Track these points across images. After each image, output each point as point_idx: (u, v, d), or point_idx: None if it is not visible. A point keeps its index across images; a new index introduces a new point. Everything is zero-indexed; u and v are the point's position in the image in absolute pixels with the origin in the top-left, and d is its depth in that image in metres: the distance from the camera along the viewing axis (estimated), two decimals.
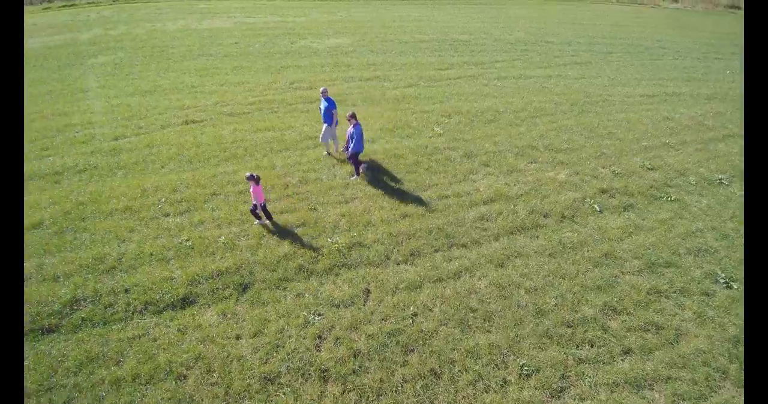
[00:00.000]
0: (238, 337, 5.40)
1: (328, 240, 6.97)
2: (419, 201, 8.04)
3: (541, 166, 9.48)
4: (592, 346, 5.49)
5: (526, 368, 5.15)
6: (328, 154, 9.29)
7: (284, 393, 4.79)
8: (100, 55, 17.74)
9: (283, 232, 7.13)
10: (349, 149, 8.16)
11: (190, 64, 16.19)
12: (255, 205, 6.95)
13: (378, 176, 8.73)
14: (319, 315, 5.75)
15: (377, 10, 28.17)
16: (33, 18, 26.34)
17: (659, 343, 5.56)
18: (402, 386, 4.95)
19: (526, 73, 15.91)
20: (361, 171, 8.63)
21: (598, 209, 8.12)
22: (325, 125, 8.83)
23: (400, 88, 13.67)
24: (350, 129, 8.06)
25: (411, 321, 5.74)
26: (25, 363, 5.08)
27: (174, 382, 4.87)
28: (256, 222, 7.26)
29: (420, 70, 15.62)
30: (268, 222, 7.25)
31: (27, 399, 4.71)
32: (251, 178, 6.67)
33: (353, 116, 8.04)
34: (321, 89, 8.90)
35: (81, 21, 24.66)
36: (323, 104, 8.71)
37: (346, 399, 4.77)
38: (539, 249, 7.08)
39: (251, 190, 6.84)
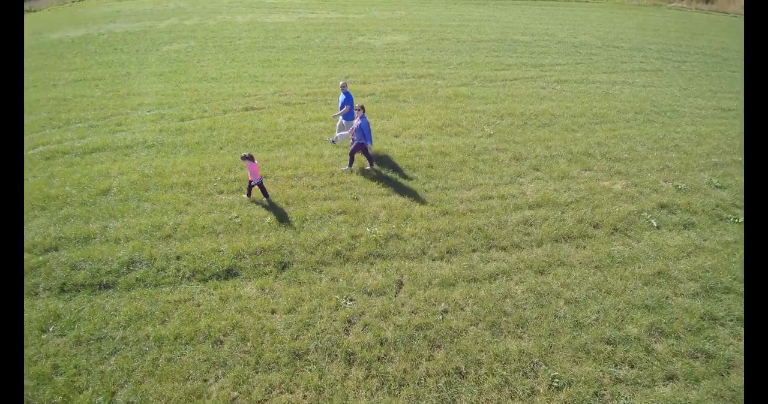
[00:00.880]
0: (273, 312, 5.68)
1: (367, 229, 7.09)
2: (461, 199, 7.96)
3: (595, 174, 9.01)
4: (632, 367, 5.17)
5: (557, 380, 4.96)
6: (333, 141, 9.47)
7: (310, 370, 4.97)
8: (174, 43, 19.15)
9: (323, 218, 7.36)
10: (356, 142, 8.26)
11: (254, 55, 17.04)
12: (252, 182, 7.46)
13: (422, 172, 8.74)
14: (351, 300, 5.88)
15: (437, 8, 28.01)
16: (118, 5, 28.94)
17: (707, 372, 5.12)
18: (425, 380, 4.95)
19: (588, 77, 15.15)
20: (352, 166, 8.70)
21: (654, 224, 7.60)
22: (341, 118, 9.17)
23: (453, 86, 13.54)
24: (357, 121, 8.16)
25: (441, 317, 5.71)
26: (81, 313, 5.67)
27: (211, 346, 5.22)
28: (260, 195, 7.75)
29: (475, 69, 15.37)
30: (267, 198, 7.74)
31: (78, 346, 5.26)
32: (246, 157, 7.25)
33: (361, 108, 8.16)
34: (341, 83, 9.17)
35: (160, 10, 26.74)
36: (341, 97, 8.98)
37: (368, 384, 4.85)
38: (585, 261, 6.75)
39: (249, 168, 7.33)
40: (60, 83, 14.65)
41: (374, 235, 6.95)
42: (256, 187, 7.57)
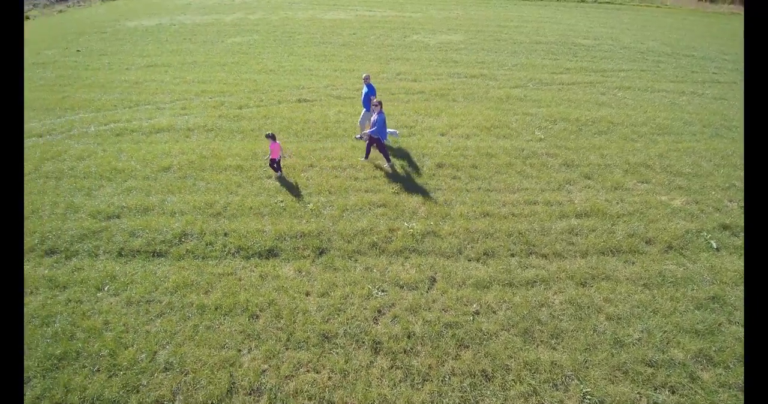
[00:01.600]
0: (307, 294, 5.87)
1: (405, 224, 7.12)
2: (504, 202, 7.77)
3: (653, 187, 8.45)
4: (673, 393, 4.82)
5: (589, 397, 4.72)
6: (360, 137, 9.54)
7: (337, 353, 5.08)
8: (238, 36, 20.16)
9: (363, 209, 7.48)
10: (370, 134, 8.31)
11: (311, 50, 17.58)
12: (272, 159, 8.04)
13: (465, 172, 8.62)
14: (383, 291, 5.94)
15: (495, 9, 27.40)
16: None
17: None
18: (449, 378, 4.90)
19: (654, 85, 14.19)
20: (369, 160, 8.81)
21: (714, 246, 7.00)
22: (364, 110, 9.33)
23: (506, 88, 13.21)
24: (374, 116, 8.19)
25: (471, 318, 5.62)
26: (134, 277, 6.16)
27: (247, 319, 5.49)
28: (275, 175, 8.29)
29: (531, 71, 14.89)
30: (280, 174, 8.32)
31: (128, 306, 5.71)
32: (269, 136, 7.89)
33: (379, 104, 8.20)
34: (363, 75, 9.27)
35: (227, 4, 28.23)
36: (364, 90, 9.11)
37: (392, 375, 4.88)
38: (633, 277, 6.36)
39: (270, 146, 7.93)
40: (133, 67, 15.91)
41: (411, 230, 6.96)
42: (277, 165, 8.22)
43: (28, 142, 10.38)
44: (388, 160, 8.63)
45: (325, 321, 5.49)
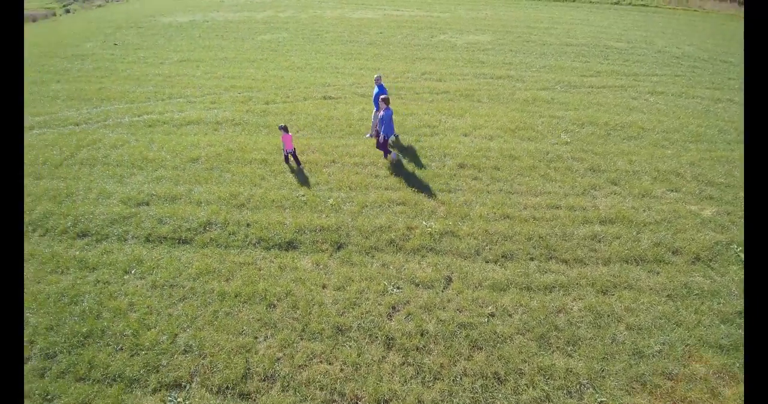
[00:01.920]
0: (324, 286, 5.96)
1: (423, 223, 7.11)
2: (525, 205, 7.66)
3: (683, 196, 8.16)
4: None
5: None
6: (370, 136, 9.58)
7: (350, 346, 5.14)
8: (268, 33, 20.55)
9: (382, 207, 7.52)
10: (380, 133, 8.32)
11: (338, 48, 17.74)
12: (286, 151, 8.36)
13: (487, 173, 8.54)
14: (398, 288, 5.96)
15: (525, 9, 26.93)
16: None
17: None
18: (461, 378, 4.88)
19: (688, 91, 13.66)
20: (389, 158, 8.77)
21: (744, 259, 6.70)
22: (375, 109, 9.34)
23: (533, 90, 12.98)
24: (380, 113, 8.18)
25: (486, 320, 5.58)
26: (160, 262, 6.39)
27: (265, 308, 5.63)
28: (294, 168, 8.57)
29: (559, 74, 14.58)
30: (295, 165, 8.61)
31: (153, 289, 5.93)
32: (281, 128, 8.18)
33: (385, 101, 8.18)
34: (375, 76, 9.31)
35: (259, 2, 28.77)
36: (375, 90, 9.14)
37: (403, 371, 4.91)
38: (656, 287, 6.17)
39: (281, 138, 8.22)
40: (167, 62, 16.46)
41: (429, 229, 6.96)
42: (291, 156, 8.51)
43: (65, 130, 10.92)
44: (385, 156, 8.82)
45: (339, 314, 5.56)
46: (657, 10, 29.53)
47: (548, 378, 4.89)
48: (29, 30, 29.45)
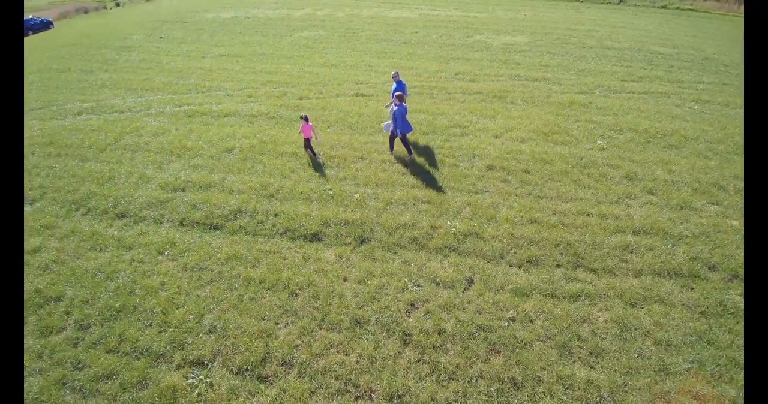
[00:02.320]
0: (345, 279, 6.04)
1: (448, 222, 7.07)
2: (554, 211, 7.47)
3: (724, 210, 7.72)
4: None
5: None
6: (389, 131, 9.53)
7: (367, 339, 5.19)
8: (305, 30, 20.94)
9: (408, 204, 7.53)
10: (395, 130, 8.38)
11: (372, 47, 17.86)
12: (306, 139, 8.67)
13: (517, 176, 8.38)
14: (419, 286, 5.96)
15: (566, 11, 26.18)
16: None
17: None
18: (476, 380, 4.83)
19: (736, 101, 12.89)
20: (408, 155, 8.87)
21: None
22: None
23: (570, 93, 12.61)
24: (394, 109, 8.18)
25: (506, 324, 5.49)
26: (191, 245, 6.66)
27: (287, 295, 5.77)
28: (309, 155, 8.91)
29: (598, 77, 14.09)
30: (313, 155, 8.92)
31: (184, 271, 6.19)
32: (303, 117, 8.50)
33: (399, 97, 8.21)
34: (392, 73, 9.26)
35: (297, 0, 29.34)
36: (393, 86, 9.11)
37: (418, 368, 4.90)
38: (689, 303, 5.87)
39: (302, 126, 8.54)
40: (208, 56, 17.08)
41: (453, 229, 6.91)
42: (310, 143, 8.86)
43: (110, 117, 11.54)
44: (390, 150, 9.04)
45: (359, 307, 5.62)
46: (707, 15, 28.02)
47: (567, 388, 4.76)
48: (82, 21, 31.28)
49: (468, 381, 4.80)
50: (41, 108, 12.85)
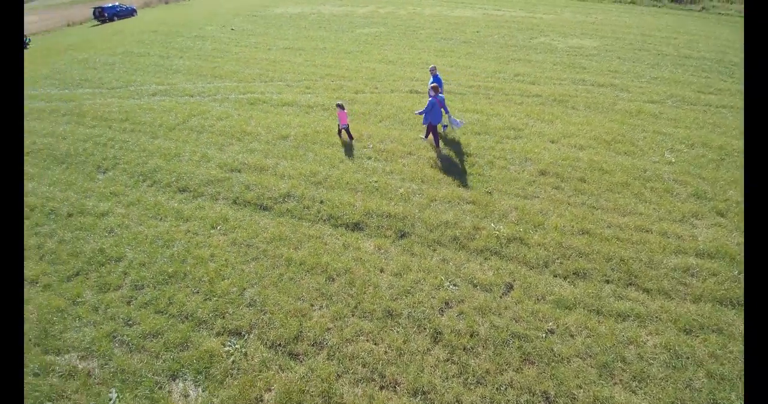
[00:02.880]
0: (381, 270, 6.08)
1: (492, 225, 6.88)
2: (610, 224, 7.01)
3: None
4: None
5: None
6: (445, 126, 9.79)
7: (397, 332, 5.19)
8: (366, 27, 21.25)
9: (452, 203, 7.42)
10: (426, 119, 8.58)
11: (431, 45, 17.76)
12: (340, 126, 9.16)
13: (571, 184, 7.97)
14: (455, 285, 5.86)
15: (642, 16, 24.43)
16: None
17: None
18: (506, 389, 4.67)
19: None
20: (436, 147, 9.04)
21: None
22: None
23: (639, 101, 11.77)
24: (430, 99, 8.40)
25: (544, 335, 5.25)
26: (242, 223, 7.03)
27: (324, 280, 5.92)
28: (343, 138, 9.40)
29: (672, 87, 13.03)
30: (347, 139, 9.39)
31: (232, 246, 6.52)
32: (338, 105, 8.93)
33: (434, 89, 8.38)
34: (430, 67, 9.32)
35: None
36: (430, 81, 9.05)
37: (446, 367, 4.83)
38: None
39: (338, 113, 8.99)
40: (274, 48, 17.85)
41: (497, 232, 6.71)
42: (344, 130, 9.34)
43: (181, 99, 12.42)
44: (425, 137, 9.19)
45: (392, 299, 5.63)
46: None
47: None
48: (163, 10, 33.86)
49: (496, 388, 4.66)
50: (121, 87, 14.11)
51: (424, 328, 5.26)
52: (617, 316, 5.53)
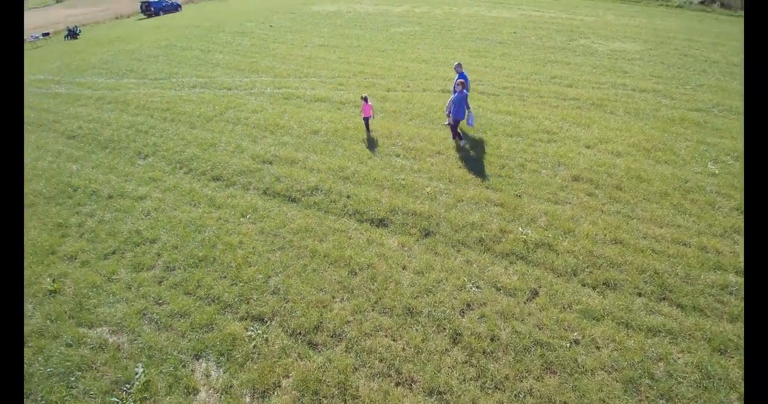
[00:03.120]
0: (404, 268, 6.07)
1: (519, 229, 6.73)
2: (645, 234, 6.72)
3: None
4: None
5: None
6: (448, 124, 9.62)
7: (416, 330, 5.16)
8: (401, 26, 21.24)
9: (479, 204, 7.31)
10: (450, 114, 8.74)
11: (466, 45, 17.55)
12: (365, 118, 9.40)
13: (606, 192, 7.69)
14: (478, 288, 5.77)
15: (689, 21, 23.24)
16: None
17: None
18: (524, 396, 4.56)
19: None
20: (456, 141, 9.13)
21: None
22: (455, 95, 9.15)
23: (682, 109, 11.21)
24: (453, 96, 8.48)
25: (568, 345, 5.09)
26: (270, 213, 7.22)
27: (347, 273, 5.97)
28: (367, 134, 9.54)
29: (719, 95, 12.32)
30: (366, 132, 9.58)
31: (260, 235, 6.68)
32: (363, 98, 9.29)
33: (461, 84, 8.40)
34: (455, 64, 9.24)
35: None
36: (456, 78, 8.94)
37: (464, 369, 4.76)
38: None
39: (363, 106, 9.30)
40: (309, 45, 18.14)
41: (524, 237, 6.56)
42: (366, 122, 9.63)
43: (219, 92, 12.82)
44: (453, 137, 9.20)
45: (413, 297, 5.61)
46: None
47: None
48: (206, 6, 35.02)
49: (515, 395, 4.56)
50: (163, 78, 14.72)
51: (444, 328, 5.21)
52: (647, 331, 5.29)
